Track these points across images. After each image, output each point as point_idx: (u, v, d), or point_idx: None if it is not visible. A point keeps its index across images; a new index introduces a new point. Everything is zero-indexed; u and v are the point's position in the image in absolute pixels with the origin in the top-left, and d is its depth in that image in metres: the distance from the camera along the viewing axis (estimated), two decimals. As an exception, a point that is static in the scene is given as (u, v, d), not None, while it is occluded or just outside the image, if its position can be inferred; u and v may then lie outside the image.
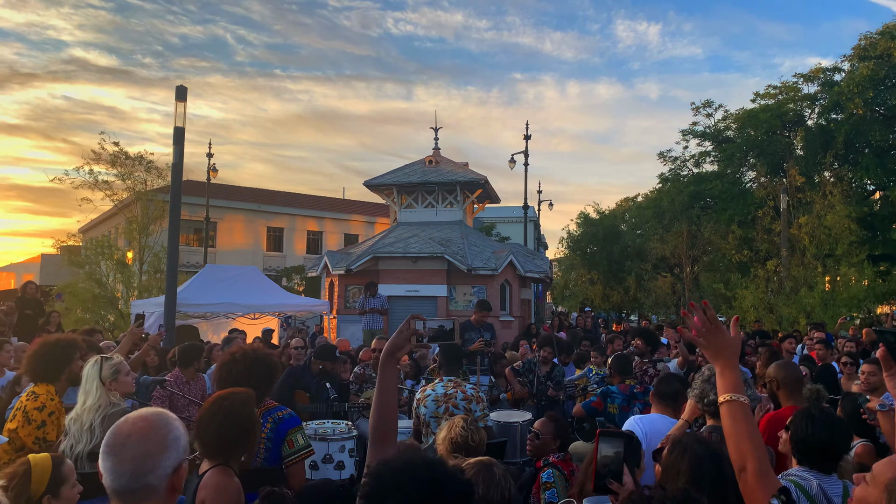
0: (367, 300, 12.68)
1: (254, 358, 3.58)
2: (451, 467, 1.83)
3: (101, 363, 3.86)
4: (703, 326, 1.95)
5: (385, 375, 2.32)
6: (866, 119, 22.19)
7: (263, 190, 40.13)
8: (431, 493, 1.66)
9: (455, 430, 3.60)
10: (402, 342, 2.33)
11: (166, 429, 1.75)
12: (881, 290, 20.06)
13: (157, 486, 1.68)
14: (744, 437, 1.81)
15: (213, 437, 2.81)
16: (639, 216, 36.06)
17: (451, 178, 19.00)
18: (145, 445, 1.68)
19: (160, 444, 1.70)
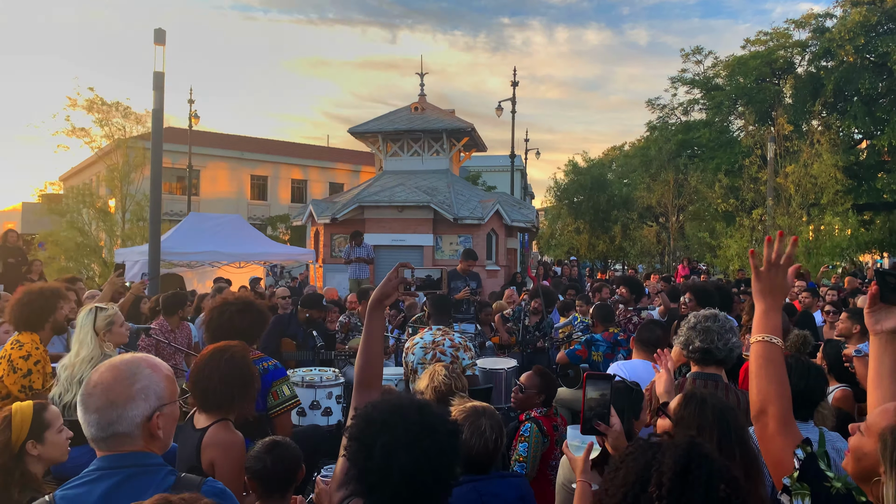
0: (352, 249, 12.63)
1: (246, 303, 3.56)
2: (439, 409, 1.83)
3: (95, 313, 3.81)
4: (777, 259, 1.88)
5: (372, 322, 2.31)
6: (856, 66, 21.99)
7: (247, 137, 39.43)
8: (419, 434, 1.68)
9: (438, 379, 3.61)
10: (389, 290, 2.31)
11: (132, 378, 1.74)
12: (864, 238, 20.31)
13: (127, 433, 1.69)
14: (773, 379, 1.76)
15: (214, 390, 2.78)
16: (626, 165, 35.97)
17: (437, 126, 18.71)
18: (108, 396, 1.69)
19: (124, 395, 1.70)
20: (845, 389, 4.28)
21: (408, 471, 1.64)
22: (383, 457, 1.65)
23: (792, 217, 17.94)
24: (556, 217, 35.72)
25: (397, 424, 1.70)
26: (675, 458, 1.33)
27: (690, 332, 3.28)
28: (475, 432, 2.60)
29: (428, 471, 1.66)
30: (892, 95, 22.35)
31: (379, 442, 1.67)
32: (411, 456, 1.65)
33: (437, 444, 1.69)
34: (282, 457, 2.51)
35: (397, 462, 1.64)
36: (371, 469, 1.66)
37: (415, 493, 1.66)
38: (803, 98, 23.10)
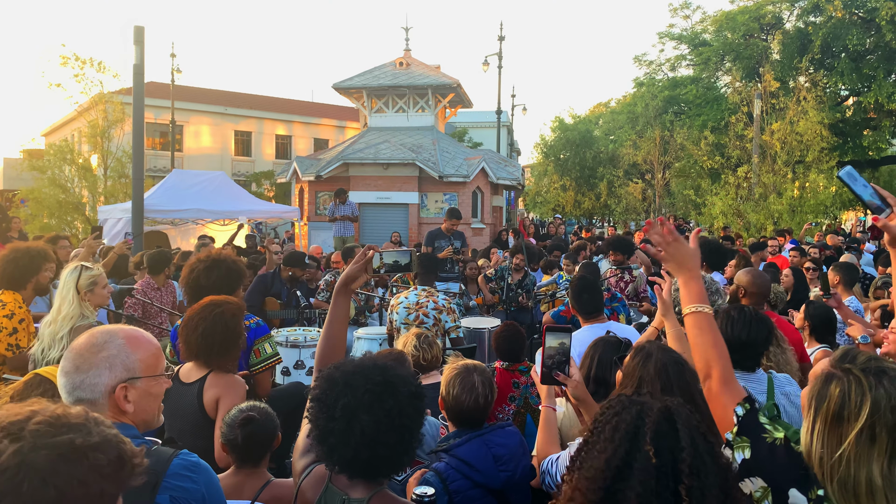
0: (336, 207, 12.57)
1: (214, 261, 3.58)
2: (403, 371, 1.84)
3: (80, 272, 3.80)
4: (663, 241, 1.98)
5: (337, 305, 2.27)
6: (844, 22, 21.79)
7: (230, 92, 38.63)
8: (381, 394, 1.68)
9: (407, 349, 3.64)
10: (357, 272, 2.27)
11: (102, 346, 1.74)
12: (848, 196, 20.47)
13: (90, 400, 1.69)
14: (709, 345, 1.84)
15: (195, 342, 2.86)
16: (612, 121, 35.75)
17: (422, 82, 18.45)
18: (75, 361, 1.72)
19: (88, 361, 1.71)
20: (826, 350, 4.36)
21: (369, 431, 1.64)
22: (344, 417, 1.65)
23: (777, 174, 18.03)
24: (542, 174, 35.62)
25: (359, 385, 1.69)
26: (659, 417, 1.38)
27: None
28: (466, 388, 2.63)
29: (389, 430, 1.66)
30: (880, 52, 22.22)
31: (340, 402, 1.67)
32: (372, 416, 1.65)
33: (398, 405, 1.69)
34: (252, 434, 2.49)
35: (358, 423, 1.64)
36: (332, 430, 1.66)
37: (375, 454, 1.66)
38: (791, 54, 22.92)
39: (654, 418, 1.37)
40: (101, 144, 18.00)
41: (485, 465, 2.46)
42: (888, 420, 1.43)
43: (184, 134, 34.16)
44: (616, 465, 1.34)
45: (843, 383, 1.49)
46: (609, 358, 2.74)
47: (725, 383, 1.77)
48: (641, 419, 1.37)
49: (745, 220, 17.77)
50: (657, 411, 1.39)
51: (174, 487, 1.67)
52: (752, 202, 17.96)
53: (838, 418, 1.47)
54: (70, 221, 17.68)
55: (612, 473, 1.33)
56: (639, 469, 1.31)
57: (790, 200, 17.12)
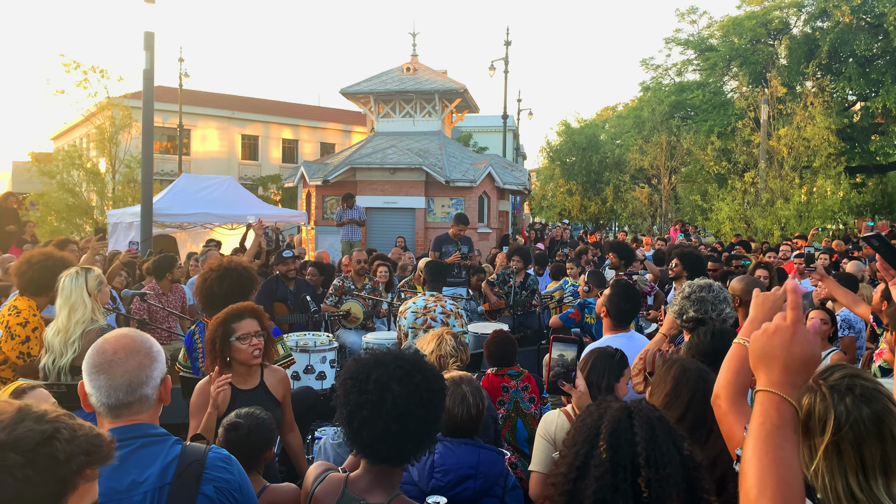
0: (344, 211, 12.63)
1: (225, 269, 3.65)
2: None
3: (85, 275, 3.79)
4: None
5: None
6: (852, 27, 21.74)
7: (237, 96, 38.86)
8: (411, 370, 1.76)
9: (445, 349, 3.61)
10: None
11: (149, 342, 1.82)
12: (856, 201, 20.41)
13: (150, 396, 1.76)
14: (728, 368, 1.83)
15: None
16: (619, 126, 35.73)
17: (429, 87, 18.50)
18: (136, 358, 1.75)
19: (149, 357, 1.78)
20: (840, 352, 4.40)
21: (400, 402, 1.70)
22: (377, 389, 1.71)
23: (784, 180, 18.00)
24: (548, 178, 35.62)
25: (390, 361, 1.77)
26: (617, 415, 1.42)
27: (685, 301, 3.34)
28: (457, 400, 2.65)
29: (418, 404, 1.72)
30: (888, 57, 22.16)
31: (373, 375, 1.74)
32: (404, 388, 1.72)
33: (426, 381, 1.77)
34: (233, 441, 2.50)
35: (390, 393, 1.70)
36: (365, 402, 1.71)
37: (404, 427, 1.71)
38: (798, 59, 22.88)
39: (612, 417, 1.42)
40: (108, 149, 18.14)
41: (420, 465, 2.53)
42: (850, 437, 1.46)
43: (191, 138, 34.35)
44: (577, 465, 1.39)
45: (811, 398, 1.53)
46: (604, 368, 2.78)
47: (733, 404, 1.80)
48: (601, 420, 1.43)
49: (752, 226, 17.73)
50: (616, 410, 1.44)
51: (216, 479, 1.75)
52: (759, 207, 17.94)
53: (808, 431, 1.51)
54: (79, 225, 17.82)
55: (574, 474, 1.39)
56: (594, 466, 1.36)
57: (797, 206, 17.08)
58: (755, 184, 18.51)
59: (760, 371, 1.30)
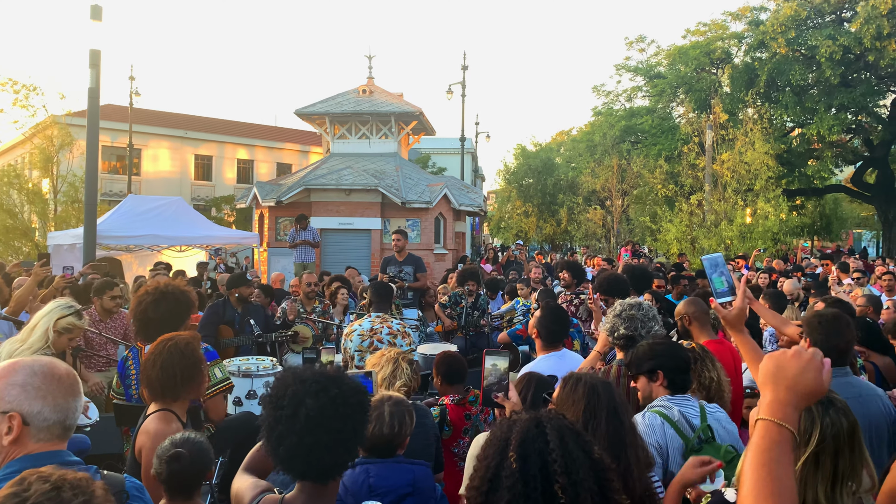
0: (297, 233, 12.51)
1: (161, 293, 3.58)
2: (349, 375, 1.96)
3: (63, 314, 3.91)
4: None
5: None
6: (788, 58, 22.80)
7: (190, 115, 38.27)
8: (327, 384, 1.80)
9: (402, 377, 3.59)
10: None
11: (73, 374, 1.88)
12: (794, 223, 21.27)
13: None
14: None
15: (156, 377, 2.85)
16: (573, 149, 36.49)
17: (385, 109, 18.62)
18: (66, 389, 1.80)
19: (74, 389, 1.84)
20: None
21: (313, 415, 1.74)
22: (292, 404, 1.76)
23: (728, 202, 18.65)
24: (505, 200, 36.07)
25: (308, 378, 1.81)
26: (526, 426, 1.45)
27: (616, 319, 3.46)
28: (373, 417, 2.66)
29: (333, 417, 1.76)
30: (820, 87, 23.29)
31: (289, 391, 1.79)
32: (318, 401, 1.75)
33: (343, 395, 1.80)
34: (177, 473, 2.45)
35: (304, 407, 1.74)
36: (280, 417, 1.76)
37: (318, 440, 1.74)
38: (739, 87, 23.83)
39: (521, 427, 1.45)
40: (51, 169, 17.62)
41: (357, 489, 2.55)
42: (830, 447, 1.55)
43: (142, 157, 33.65)
44: (489, 477, 1.41)
45: None
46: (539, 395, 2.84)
47: None
48: (510, 431, 1.45)
49: (698, 246, 18.29)
50: (525, 421, 1.47)
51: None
52: (705, 229, 18.52)
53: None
54: (18, 248, 17.19)
55: (486, 486, 1.41)
56: (505, 477, 1.38)
57: (740, 227, 17.71)
58: (701, 206, 19.14)
59: (767, 389, 1.34)
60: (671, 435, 2.58)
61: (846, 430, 1.56)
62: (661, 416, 2.61)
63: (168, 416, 2.86)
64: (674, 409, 2.64)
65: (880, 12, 20.50)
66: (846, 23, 23.10)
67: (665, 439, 2.56)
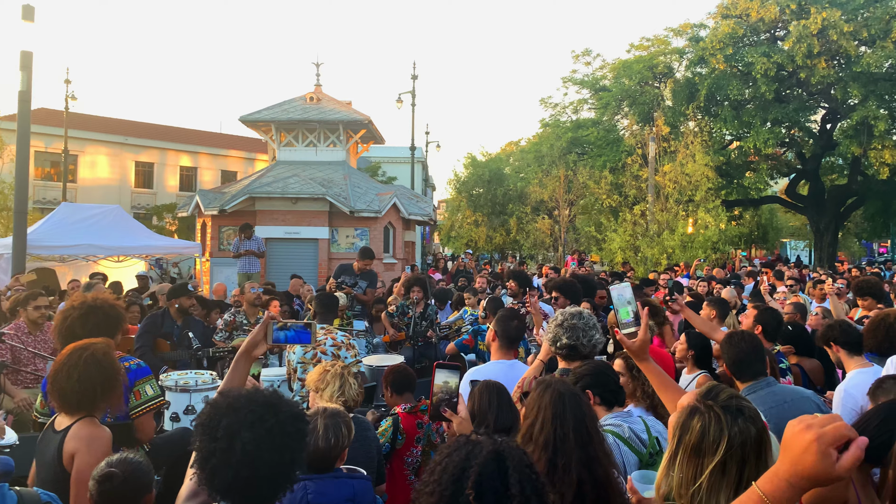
0: (241, 242, 12.21)
1: (90, 307, 3.41)
2: (286, 398, 1.87)
3: None
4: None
5: (236, 372, 2.35)
6: (726, 74, 23.71)
7: (130, 121, 37.10)
8: (263, 414, 1.72)
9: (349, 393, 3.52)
10: (258, 339, 2.37)
11: None
12: (733, 232, 22.06)
13: None
14: None
15: (73, 389, 2.72)
16: (521, 160, 36.96)
17: (333, 117, 18.45)
18: None
19: None
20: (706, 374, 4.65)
21: (250, 448, 1.66)
22: (226, 437, 1.67)
23: (669, 212, 19.20)
24: (455, 209, 36.21)
25: (242, 406, 1.73)
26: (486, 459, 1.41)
27: (558, 329, 3.47)
28: (308, 431, 2.65)
29: (270, 449, 1.69)
30: (756, 102, 24.29)
31: (223, 423, 1.69)
32: (254, 434, 1.68)
33: (280, 424, 1.73)
34: (108, 492, 2.34)
35: (239, 440, 1.66)
36: (214, 451, 1.67)
37: (255, 473, 1.68)
38: (680, 101, 24.65)
39: (482, 460, 1.40)
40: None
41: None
42: (738, 455, 1.55)
43: (78, 164, 32.41)
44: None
45: (704, 419, 1.60)
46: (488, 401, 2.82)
47: None
48: (469, 461, 1.41)
49: (641, 255, 18.74)
50: (486, 454, 1.42)
51: None
52: (648, 238, 19.00)
53: (697, 451, 1.58)
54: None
55: None
56: None
57: (682, 237, 18.24)
58: (644, 216, 19.64)
59: (780, 454, 1.27)
60: (626, 451, 2.64)
61: (754, 438, 1.57)
62: (613, 435, 2.64)
63: (95, 422, 2.77)
64: (624, 427, 2.68)
65: (811, 32, 21.54)
66: (780, 41, 24.18)
67: (622, 457, 2.62)
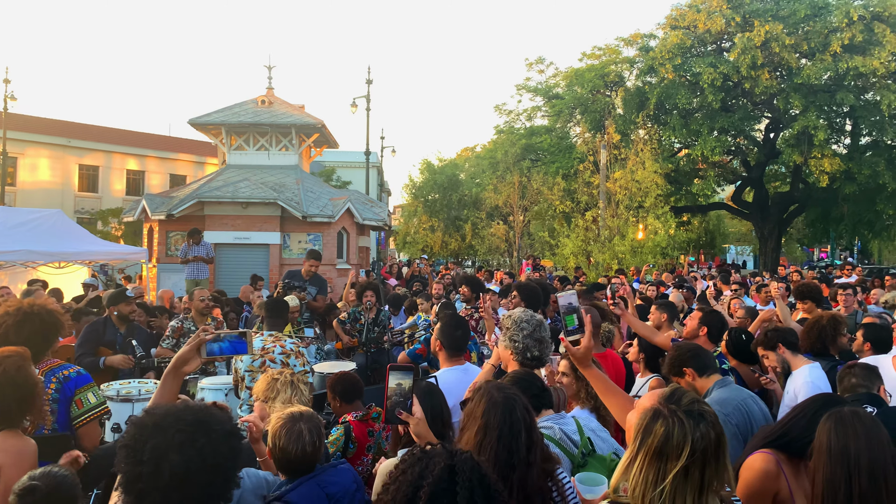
0: (190, 248, 11.90)
1: (25, 315, 3.26)
2: (219, 413, 1.80)
3: None
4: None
5: (164, 389, 2.29)
6: (675, 83, 24.42)
7: (74, 123, 35.83)
8: (194, 434, 1.64)
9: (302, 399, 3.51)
10: (189, 355, 2.30)
11: None
12: (682, 238, 22.66)
13: None
14: None
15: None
16: (477, 166, 37.20)
17: (285, 121, 18.19)
18: None
19: None
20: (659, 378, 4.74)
21: (179, 471, 1.59)
22: (153, 460, 1.59)
23: (620, 218, 19.59)
24: (411, 215, 36.18)
25: (170, 426, 1.64)
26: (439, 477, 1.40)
27: (528, 339, 3.39)
28: (292, 438, 2.63)
29: (201, 471, 1.61)
30: (704, 111, 25.09)
31: (149, 445, 1.61)
32: (184, 456, 1.60)
33: (212, 444, 1.65)
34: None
35: (167, 463, 1.58)
36: (140, 474, 1.58)
37: (186, 496, 1.61)
38: (631, 109, 25.28)
39: (434, 478, 1.40)
40: None
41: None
42: (700, 460, 1.57)
43: (17, 167, 31.15)
44: None
45: (668, 423, 1.61)
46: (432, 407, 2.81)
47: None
48: (422, 479, 1.40)
49: (593, 260, 19.06)
50: (438, 472, 1.41)
51: None
52: (599, 243, 19.34)
53: (660, 454, 1.59)
54: None
55: None
56: None
57: (632, 242, 18.64)
58: (596, 221, 19.99)
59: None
60: (558, 453, 2.62)
61: (714, 442, 1.59)
62: (545, 438, 2.63)
63: (18, 433, 2.68)
64: (555, 429, 2.68)
65: (755, 44, 22.35)
66: (726, 52, 25.02)
67: None
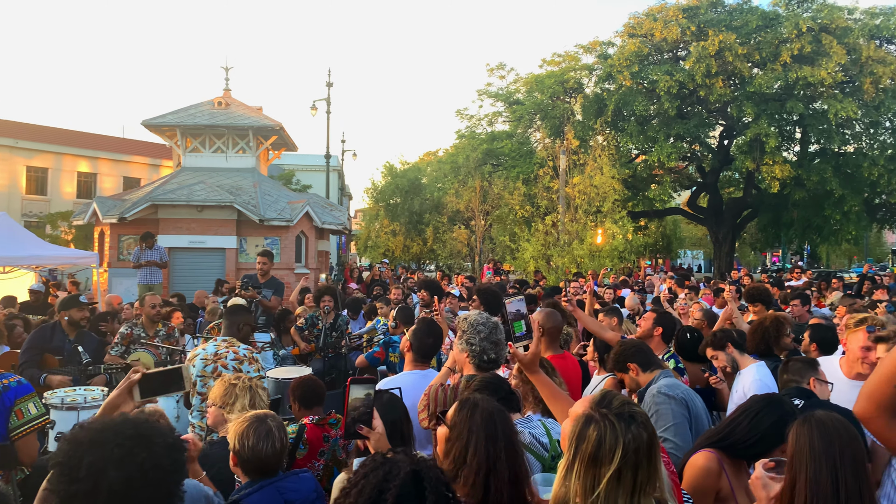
0: (142, 252, 11.58)
1: None
2: (160, 425, 1.72)
3: None
4: None
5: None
6: (632, 90, 24.89)
7: (22, 123, 34.62)
8: (133, 448, 1.56)
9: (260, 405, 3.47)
10: (120, 400, 2.23)
11: None
12: (639, 242, 23.10)
13: None
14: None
15: None
16: (439, 170, 37.27)
17: (242, 123, 17.90)
18: None
19: None
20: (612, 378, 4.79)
21: (118, 488, 1.51)
22: (90, 477, 1.50)
23: (579, 223, 19.86)
24: (373, 219, 36.02)
25: (108, 441, 1.56)
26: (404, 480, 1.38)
27: (485, 342, 3.37)
28: (262, 436, 2.62)
29: (143, 486, 1.54)
30: (660, 118, 25.64)
31: (85, 461, 1.52)
32: (123, 472, 1.52)
33: (153, 459, 1.57)
34: None
35: (106, 480, 1.50)
36: (76, 493, 1.50)
37: None
38: (589, 116, 25.65)
39: (399, 483, 1.38)
40: None
41: None
42: (632, 461, 1.57)
43: (-40, 168, 29.94)
44: None
45: (599, 427, 1.60)
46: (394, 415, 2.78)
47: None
48: (387, 482, 1.38)
49: (553, 264, 19.26)
50: (403, 475, 1.40)
51: None
52: (559, 248, 19.56)
53: (594, 460, 1.58)
54: None
55: None
56: None
57: (590, 246, 18.91)
58: (555, 226, 20.22)
59: None
60: (529, 458, 2.61)
61: (646, 443, 1.60)
62: None
63: None
64: (525, 433, 2.68)
65: (709, 53, 22.94)
66: (681, 60, 25.61)
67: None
